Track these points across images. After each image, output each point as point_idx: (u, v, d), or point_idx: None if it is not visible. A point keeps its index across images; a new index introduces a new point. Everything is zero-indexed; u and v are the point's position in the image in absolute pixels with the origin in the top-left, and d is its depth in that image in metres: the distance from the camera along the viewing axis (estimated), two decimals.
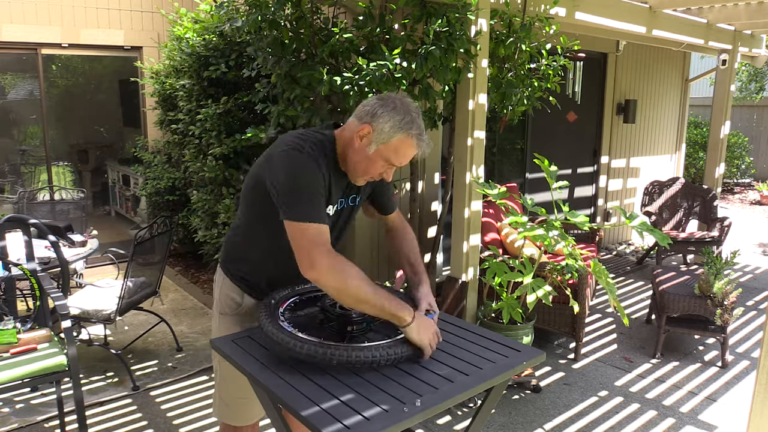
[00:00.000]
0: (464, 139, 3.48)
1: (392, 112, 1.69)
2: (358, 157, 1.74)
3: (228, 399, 2.07)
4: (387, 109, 1.69)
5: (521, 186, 6.00)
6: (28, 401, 3.28)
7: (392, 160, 1.73)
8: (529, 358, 1.73)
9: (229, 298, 2.00)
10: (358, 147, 1.73)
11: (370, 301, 1.64)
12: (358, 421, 1.40)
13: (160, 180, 5.47)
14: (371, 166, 1.75)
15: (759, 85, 11.39)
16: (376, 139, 1.70)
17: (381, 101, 1.72)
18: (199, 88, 4.40)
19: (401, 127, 1.68)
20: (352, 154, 1.75)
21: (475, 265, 3.62)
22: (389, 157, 1.72)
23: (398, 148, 1.71)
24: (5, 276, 3.15)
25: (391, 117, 1.69)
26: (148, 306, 4.08)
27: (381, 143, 1.70)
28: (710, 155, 6.21)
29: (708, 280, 3.76)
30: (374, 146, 1.71)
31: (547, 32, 3.70)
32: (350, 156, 1.76)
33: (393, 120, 1.68)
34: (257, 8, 3.20)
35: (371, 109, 1.71)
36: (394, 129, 1.68)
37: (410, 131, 1.69)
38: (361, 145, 1.72)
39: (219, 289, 2.04)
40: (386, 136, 1.69)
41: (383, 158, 1.72)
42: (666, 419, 3.22)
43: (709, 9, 5.35)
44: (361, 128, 1.71)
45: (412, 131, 1.69)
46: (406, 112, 1.70)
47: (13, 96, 5.93)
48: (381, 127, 1.69)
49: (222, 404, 2.09)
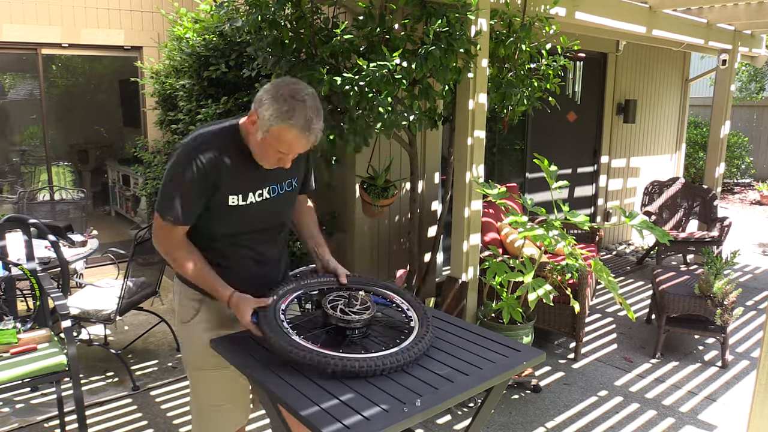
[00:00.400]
0: (464, 138, 3.48)
1: (272, 100, 1.68)
2: (253, 143, 1.78)
3: (201, 410, 2.01)
4: (269, 97, 1.69)
5: (521, 186, 6.00)
6: (28, 401, 3.28)
7: (280, 148, 1.74)
8: (529, 358, 1.73)
9: (187, 305, 1.97)
10: (252, 133, 1.76)
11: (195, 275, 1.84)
12: (358, 421, 1.40)
13: (160, 180, 5.47)
14: (265, 151, 1.77)
15: (759, 85, 11.39)
16: (260, 126, 1.71)
17: (270, 87, 1.72)
18: (199, 88, 4.40)
19: (279, 116, 1.67)
20: (251, 139, 1.78)
21: (475, 264, 3.62)
22: (276, 145, 1.73)
23: (280, 137, 1.70)
24: (5, 276, 3.15)
25: (271, 105, 1.68)
26: (148, 306, 4.08)
27: (264, 131, 1.71)
28: (710, 155, 6.21)
29: (708, 280, 3.76)
30: (260, 133, 1.73)
31: (547, 32, 3.70)
32: (251, 141, 1.79)
33: (272, 108, 1.68)
34: (257, 8, 3.19)
35: (259, 96, 1.73)
36: (273, 117, 1.68)
37: (289, 121, 1.67)
38: (253, 131, 1.75)
39: (177, 299, 2.01)
40: (267, 124, 1.70)
41: (271, 145, 1.73)
42: (666, 419, 3.22)
43: (709, 9, 5.35)
44: (251, 114, 1.75)
45: (291, 121, 1.67)
46: (288, 100, 1.67)
47: (13, 96, 5.93)
48: (263, 114, 1.70)
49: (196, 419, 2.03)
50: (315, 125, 1.72)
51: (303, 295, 1.95)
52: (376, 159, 4.07)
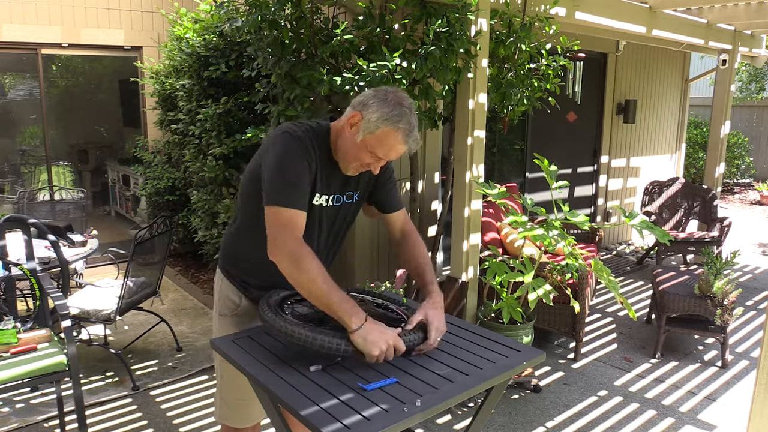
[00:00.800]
0: (464, 138, 3.48)
1: (381, 104, 1.70)
2: (347, 144, 1.76)
3: (228, 400, 2.07)
4: (377, 100, 1.70)
5: (521, 185, 6.00)
6: (28, 401, 3.28)
7: (377, 152, 1.73)
8: (529, 358, 1.73)
9: (227, 299, 2.00)
10: (347, 134, 1.75)
11: (319, 298, 1.63)
12: (359, 421, 1.40)
13: (160, 180, 5.47)
14: (358, 154, 1.75)
15: (759, 85, 11.39)
16: (364, 127, 1.70)
17: (375, 92, 1.74)
18: (199, 88, 4.40)
19: (388, 119, 1.68)
20: (342, 141, 1.77)
21: (475, 264, 3.62)
22: (375, 148, 1.72)
23: (383, 140, 1.70)
24: (5, 276, 3.15)
25: (380, 108, 1.69)
26: (148, 306, 4.08)
27: (368, 132, 1.70)
28: (710, 155, 6.21)
29: (708, 280, 3.77)
30: (362, 134, 1.71)
31: (547, 32, 3.70)
32: (340, 143, 1.78)
33: (381, 111, 1.69)
34: (257, 8, 3.20)
35: (364, 99, 1.73)
36: (381, 120, 1.68)
37: (397, 124, 1.69)
38: (350, 133, 1.74)
39: (218, 290, 2.04)
40: (373, 126, 1.69)
41: (369, 148, 1.72)
42: (665, 419, 3.22)
43: (709, 9, 5.35)
44: (352, 115, 1.73)
45: (399, 125, 1.69)
46: (397, 105, 1.70)
47: (13, 96, 5.93)
48: (369, 116, 1.70)
49: (223, 405, 2.09)
50: (415, 134, 1.73)
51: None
52: None
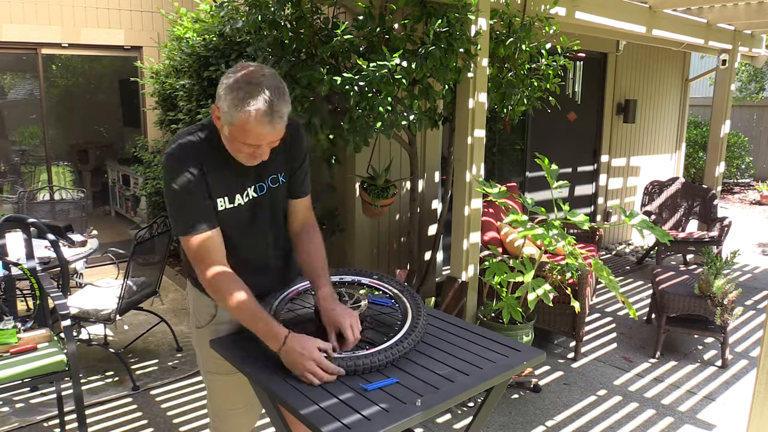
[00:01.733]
0: (464, 137, 3.48)
1: (228, 90, 1.52)
2: (224, 139, 1.64)
3: (220, 412, 2.01)
4: (225, 87, 1.54)
5: (521, 184, 6.00)
6: (28, 401, 3.28)
7: (247, 141, 1.56)
8: (529, 358, 1.73)
9: (203, 311, 1.92)
10: (220, 129, 1.62)
11: (242, 321, 1.68)
12: (359, 421, 1.40)
13: (160, 180, 5.47)
14: (234, 147, 1.62)
15: (759, 85, 11.38)
16: (224, 120, 1.56)
17: (225, 78, 1.56)
18: (199, 88, 4.40)
19: (238, 104, 1.50)
20: (220, 132, 1.64)
21: (475, 262, 3.62)
22: (242, 138, 1.56)
23: (244, 128, 1.53)
24: (5, 276, 3.15)
25: (227, 94, 1.52)
26: (148, 306, 4.08)
27: (228, 124, 1.56)
28: (710, 155, 6.21)
29: (708, 280, 3.77)
30: (226, 128, 1.58)
31: (546, 32, 3.70)
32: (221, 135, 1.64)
33: (229, 97, 1.52)
34: (257, 8, 3.20)
35: (219, 88, 1.57)
36: (232, 107, 1.52)
37: (248, 107, 1.50)
38: (220, 127, 1.62)
39: (192, 302, 1.97)
40: (229, 117, 1.54)
41: (237, 139, 1.57)
42: (665, 418, 3.23)
43: (709, 9, 5.35)
44: (213, 109, 1.60)
45: (251, 107, 1.49)
46: (245, 85, 1.50)
47: (13, 96, 5.93)
48: (222, 107, 1.55)
49: (215, 418, 2.03)
50: (278, 107, 1.53)
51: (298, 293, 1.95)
52: (376, 159, 4.08)
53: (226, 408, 2.00)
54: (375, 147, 4.04)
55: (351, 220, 4.14)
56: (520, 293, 3.13)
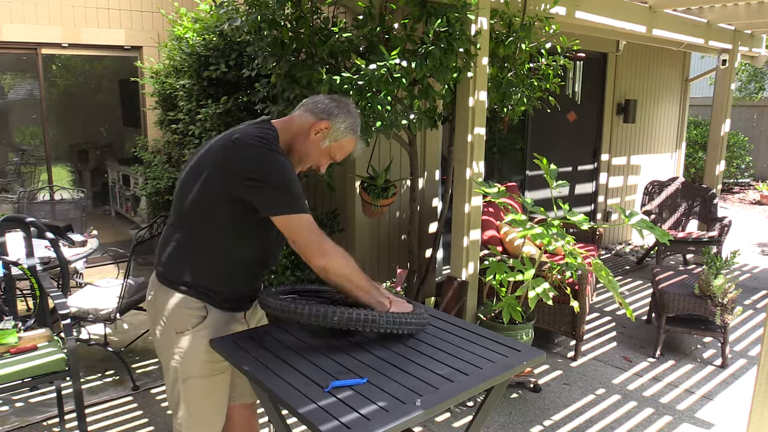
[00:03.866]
0: (464, 135, 3.48)
1: (347, 115, 1.90)
2: (309, 149, 1.90)
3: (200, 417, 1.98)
4: (343, 111, 1.89)
5: (522, 183, 6.01)
6: (28, 400, 3.28)
7: (336, 156, 1.94)
8: (529, 358, 1.73)
9: (189, 315, 1.87)
10: (312, 139, 1.88)
11: (363, 287, 1.82)
12: (359, 421, 1.40)
13: (160, 180, 5.47)
14: (319, 158, 1.93)
15: (759, 84, 11.38)
16: (331, 135, 1.89)
17: (335, 102, 1.91)
18: (199, 88, 4.39)
19: (353, 129, 1.91)
20: (301, 145, 1.89)
21: (476, 260, 3.62)
22: (336, 153, 1.93)
23: (344, 146, 1.93)
24: (4, 275, 3.15)
25: (346, 119, 1.89)
26: None
27: (333, 140, 1.89)
28: (710, 154, 6.21)
29: (708, 280, 3.77)
30: (327, 141, 1.89)
31: (546, 32, 3.70)
32: (299, 146, 1.89)
33: (347, 122, 1.89)
34: (257, 8, 3.19)
35: (327, 108, 1.89)
36: (348, 129, 1.90)
37: (358, 134, 1.93)
38: (315, 138, 1.88)
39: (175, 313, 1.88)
40: (340, 135, 1.89)
41: (331, 153, 1.92)
42: (663, 417, 3.23)
43: (709, 9, 5.35)
44: (320, 123, 1.87)
45: (359, 134, 1.94)
46: (357, 116, 1.93)
47: (13, 96, 5.93)
48: (338, 126, 1.88)
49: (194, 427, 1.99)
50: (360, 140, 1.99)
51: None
52: (376, 159, 4.08)
53: (207, 411, 1.98)
54: (375, 147, 4.04)
55: (351, 220, 4.15)
56: (520, 293, 3.13)
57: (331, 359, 1.71)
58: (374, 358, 1.72)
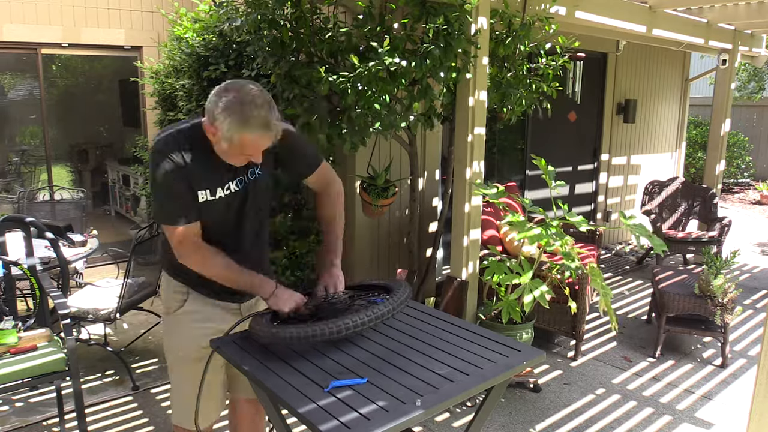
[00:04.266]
0: (464, 135, 3.48)
1: (225, 113, 1.68)
2: (220, 149, 1.80)
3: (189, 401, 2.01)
4: (221, 109, 1.69)
5: (522, 182, 6.01)
6: (28, 400, 3.28)
7: (246, 152, 1.77)
8: (529, 357, 1.73)
9: (173, 297, 2.01)
10: (215, 142, 1.78)
11: (232, 282, 1.87)
12: (359, 421, 1.40)
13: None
14: (233, 157, 1.81)
15: (759, 84, 11.38)
16: (222, 137, 1.73)
17: (215, 99, 1.71)
18: (199, 88, 4.39)
19: (237, 126, 1.69)
20: (215, 145, 1.80)
21: (476, 259, 3.62)
22: (242, 150, 1.76)
23: (243, 143, 1.73)
24: (4, 275, 3.15)
25: (226, 118, 1.69)
26: (148, 306, 4.08)
27: (227, 141, 1.73)
28: (710, 154, 6.21)
29: (707, 280, 3.77)
30: (224, 143, 1.74)
31: (546, 31, 3.70)
32: (214, 145, 1.80)
33: (227, 121, 1.69)
34: (256, 8, 3.19)
35: (211, 108, 1.72)
36: (232, 130, 1.70)
37: (247, 129, 1.69)
38: (216, 141, 1.77)
39: (165, 293, 2.05)
40: (228, 136, 1.71)
41: (238, 151, 1.77)
42: (663, 417, 3.23)
43: (710, 8, 5.35)
44: (208, 129, 1.76)
45: (249, 128, 1.69)
46: (239, 106, 1.67)
47: (13, 96, 5.94)
48: (221, 127, 1.71)
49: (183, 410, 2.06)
50: (272, 120, 1.72)
51: None
52: (376, 159, 4.08)
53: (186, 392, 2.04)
54: (375, 147, 4.04)
55: (351, 219, 4.14)
56: (519, 294, 3.13)
57: (331, 359, 1.71)
58: (374, 358, 1.72)
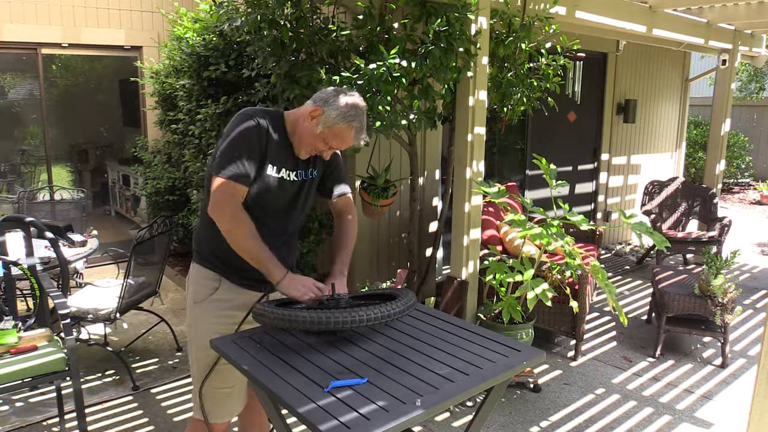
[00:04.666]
0: (465, 135, 3.48)
1: (342, 104, 1.95)
2: (305, 132, 1.99)
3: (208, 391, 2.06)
4: (338, 100, 1.96)
5: (522, 182, 6.01)
6: (28, 400, 3.28)
7: (331, 143, 1.99)
8: (529, 357, 1.73)
9: (204, 285, 2.06)
10: (307, 124, 1.98)
11: (250, 252, 1.91)
12: (359, 421, 1.40)
13: (160, 180, 5.47)
14: (314, 142, 2.00)
15: (759, 84, 11.38)
16: (323, 121, 1.95)
17: (336, 92, 1.98)
18: (199, 87, 4.39)
19: (345, 118, 1.94)
20: (300, 128, 2.00)
21: (476, 259, 3.62)
22: (330, 139, 1.98)
23: (338, 134, 1.97)
24: (4, 275, 3.15)
25: (339, 107, 1.95)
26: (148, 306, 4.08)
27: (326, 126, 1.95)
28: (710, 154, 6.21)
29: (707, 280, 3.77)
30: (320, 127, 1.96)
31: (546, 31, 3.70)
32: (299, 130, 2.01)
33: (340, 110, 1.94)
34: (257, 8, 3.19)
35: (326, 96, 1.98)
36: (339, 117, 1.94)
37: (351, 123, 1.95)
38: (310, 123, 1.98)
39: (193, 283, 2.10)
40: (332, 122, 1.95)
41: (325, 138, 1.98)
42: (663, 416, 3.23)
43: (710, 8, 5.35)
44: (314, 109, 1.97)
45: (354, 123, 1.96)
46: (353, 107, 1.96)
47: (13, 96, 5.93)
48: (329, 113, 1.95)
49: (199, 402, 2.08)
50: (365, 133, 2.02)
51: None
52: (376, 159, 4.08)
53: (215, 387, 2.06)
54: (375, 147, 4.04)
55: None
56: (520, 293, 3.13)
57: (331, 359, 1.71)
58: (374, 358, 1.72)
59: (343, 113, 1.94)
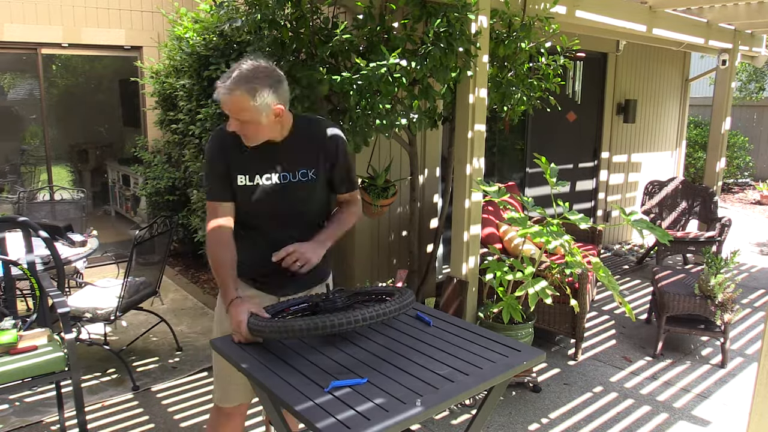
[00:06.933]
0: (465, 132, 3.48)
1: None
2: None
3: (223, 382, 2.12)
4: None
5: (522, 180, 6.01)
6: (28, 400, 3.28)
7: (224, 111, 1.91)
8: (529, 357, 1.73)
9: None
10: None
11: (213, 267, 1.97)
12: (358, 420, 1.40)
13: (160, 180, 5.47)
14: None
15: (759, 84, 11.37)
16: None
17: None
18: (199, 87, 4.40)
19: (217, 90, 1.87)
20: None
21: (476, 255, 3.61)
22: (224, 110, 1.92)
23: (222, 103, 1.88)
24: (4, 275, 3.15)
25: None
26: (148, 306, 4.08)
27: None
28: (710, 154, 6.21)
29: (707, 280, 3.77)
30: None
31: (546, 31, 3.70)
32: None
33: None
34: (257, 8, 3.20)
35: None
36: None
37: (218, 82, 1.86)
38: None
39: None
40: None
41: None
42: (662, 415, 3.23)
43: (710, 8, 5.35)
44: None
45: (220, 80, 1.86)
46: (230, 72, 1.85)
47: (13, 96, 5.94)
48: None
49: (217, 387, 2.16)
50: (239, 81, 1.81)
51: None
52: (376, 159, 4.08)
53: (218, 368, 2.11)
54: (375, 147, 4.04)
55: None
56: (520, 292, 3.13)
57: (331, 359, 1.71)
58: (375, 358, 1.72)
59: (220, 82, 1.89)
